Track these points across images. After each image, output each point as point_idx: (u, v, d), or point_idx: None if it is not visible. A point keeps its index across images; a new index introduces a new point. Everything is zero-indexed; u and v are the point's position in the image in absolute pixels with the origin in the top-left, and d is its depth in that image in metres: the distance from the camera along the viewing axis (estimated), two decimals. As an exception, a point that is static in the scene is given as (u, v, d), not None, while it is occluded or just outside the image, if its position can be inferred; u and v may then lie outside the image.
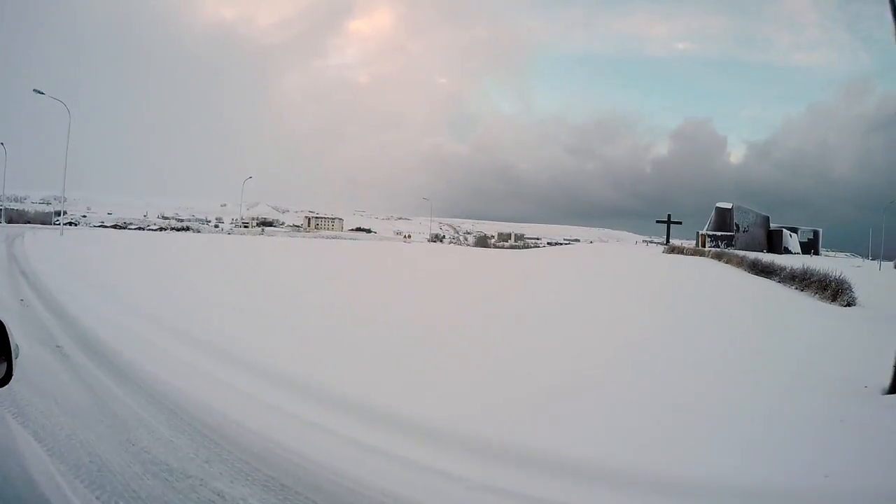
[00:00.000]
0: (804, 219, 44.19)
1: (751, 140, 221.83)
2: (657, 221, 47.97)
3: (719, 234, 42.39)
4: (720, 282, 15.64)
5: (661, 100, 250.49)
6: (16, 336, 1.44)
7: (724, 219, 43.97)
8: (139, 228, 70.66)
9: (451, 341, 6.49)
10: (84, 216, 61.69)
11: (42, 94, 23.22)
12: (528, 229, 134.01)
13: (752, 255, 24.35)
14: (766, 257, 19.59)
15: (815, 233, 48.29)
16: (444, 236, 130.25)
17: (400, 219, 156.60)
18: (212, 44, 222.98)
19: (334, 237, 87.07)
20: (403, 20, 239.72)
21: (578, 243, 59.94)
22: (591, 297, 12.05)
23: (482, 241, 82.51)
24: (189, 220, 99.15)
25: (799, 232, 47.41)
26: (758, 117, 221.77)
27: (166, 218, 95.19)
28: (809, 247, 46.07)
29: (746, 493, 2.86)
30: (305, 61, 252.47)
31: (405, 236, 79.92)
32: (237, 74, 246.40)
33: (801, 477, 3.06)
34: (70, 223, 54.83)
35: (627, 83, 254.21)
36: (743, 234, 42.47)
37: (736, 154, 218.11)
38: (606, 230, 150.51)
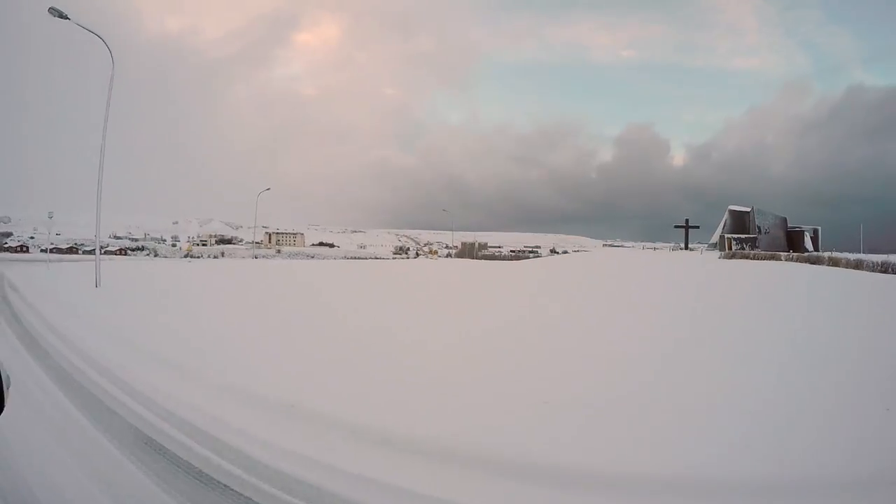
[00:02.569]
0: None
1: (692, 143, 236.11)
2: (675, 226, 47.96)
3: (743, 236, 42.94)
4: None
5: (605, 106, 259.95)
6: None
7: (742, 222, 44.69)
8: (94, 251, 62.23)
9: None
10: (32, 237, 53.08)
11: (67, 18, 17.13)
12: (484, 238, 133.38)
13: (831, 255, 24.24)
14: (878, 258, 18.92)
15: (815, 231, 50.24)
16: (408, 248, 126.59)
17: (356, 232, 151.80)
18: (157, 56, 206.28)
19: (297, 253, 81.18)
20: (349, 32, 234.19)
21: (587, 253, 59.42)
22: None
23: (469, 252, 78.31)
24: (143, 240, 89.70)
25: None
26: (699, 121, 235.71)
27: (119, 237, 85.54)
28: (813, 245, 47.85)
29: None
30: (252, 74, 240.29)
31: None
32: (183, 87, 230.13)
33: None
34: (21, 247, 46.63)
35: (572, 91, 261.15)
36: (765, 235, 43.25)
37: (678, 157, 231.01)
38: (561, 235, 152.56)
